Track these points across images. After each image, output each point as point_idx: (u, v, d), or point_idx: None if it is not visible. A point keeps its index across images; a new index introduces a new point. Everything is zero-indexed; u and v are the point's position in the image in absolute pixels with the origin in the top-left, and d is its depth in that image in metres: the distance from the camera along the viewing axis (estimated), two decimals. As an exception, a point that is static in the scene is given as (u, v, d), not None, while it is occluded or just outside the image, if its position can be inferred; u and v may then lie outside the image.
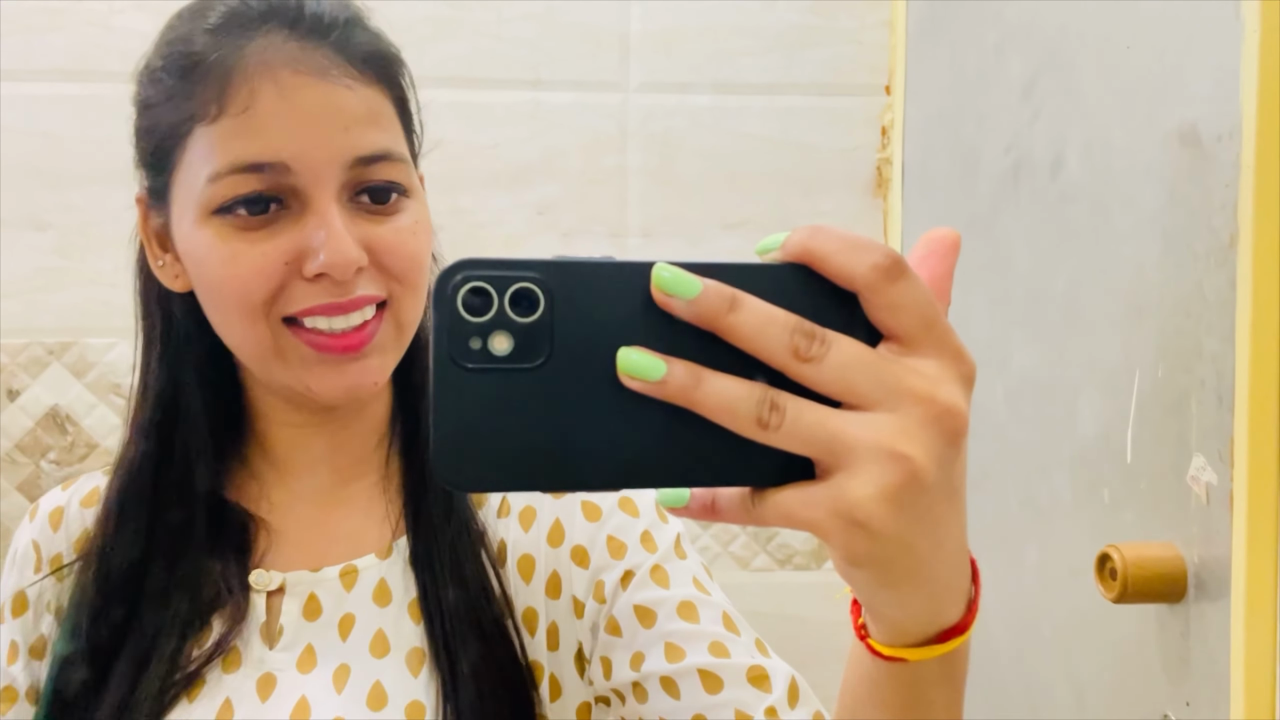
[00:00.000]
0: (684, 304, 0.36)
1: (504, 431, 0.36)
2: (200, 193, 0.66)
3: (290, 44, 0.66)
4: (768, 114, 1.46)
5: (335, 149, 0.66)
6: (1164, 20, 0.87)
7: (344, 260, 0.65)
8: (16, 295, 1.37)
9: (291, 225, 0.66)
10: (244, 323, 0.67)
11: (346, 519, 0.76)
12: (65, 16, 1.36)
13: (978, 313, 1.17)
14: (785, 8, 1.45)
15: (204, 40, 0.66)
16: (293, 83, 0.65)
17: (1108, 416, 0.94)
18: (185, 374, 0.74)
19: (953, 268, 0.40)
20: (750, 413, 0.35)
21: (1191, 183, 0.82)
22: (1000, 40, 1.16)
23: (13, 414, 1.36)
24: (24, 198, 1.36)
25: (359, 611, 0.72)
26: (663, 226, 1.45)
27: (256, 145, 0.64)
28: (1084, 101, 0.99)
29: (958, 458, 0.37)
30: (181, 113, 0.67)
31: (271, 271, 0.66)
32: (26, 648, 0.76)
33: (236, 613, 0.71)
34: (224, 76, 0.65)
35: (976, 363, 0.38)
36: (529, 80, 1.43)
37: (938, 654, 0.41)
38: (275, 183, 0.65)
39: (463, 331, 0.36)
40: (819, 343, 0.36)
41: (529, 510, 0.75)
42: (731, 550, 1.47)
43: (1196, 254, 0.81)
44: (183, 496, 0.73)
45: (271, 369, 0.70)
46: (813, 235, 0.37)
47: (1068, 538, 1.01)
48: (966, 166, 1.24)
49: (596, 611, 0.72)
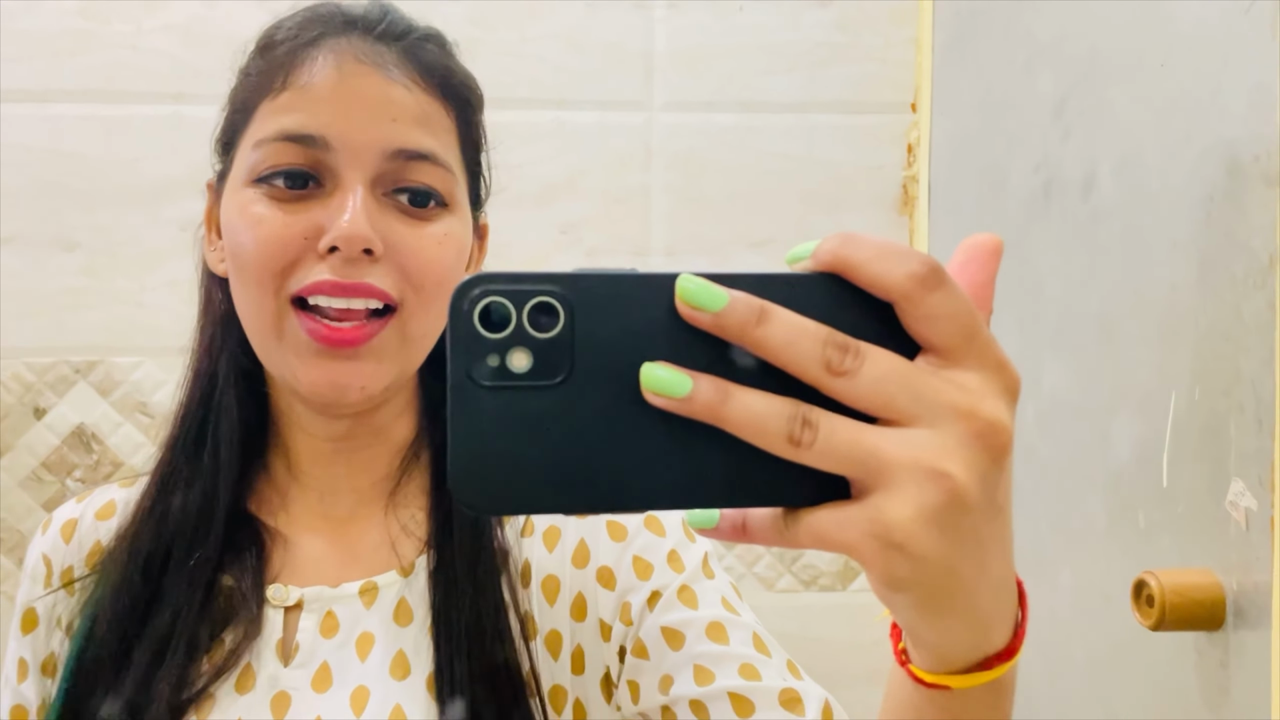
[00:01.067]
0: (710, 317, 0.34)
1: (524, 452, 0.35)
2: (249, 159, 0.69)
3: (363, 41, 0.69)
4: (792, 132, 1.45)
5: (377, 135, 0.67)
6: (1198, 38, 0.86)
7: (354, 234, 0.65)
8: (44, 314, 1.37)
9: (319, 204, 0.67)
10: (256, 292, 0.68)
11: (368, 535, 0.75)
12: (94, 39, 1.38)
13: (1008, 332, 1.16)
14: (810, 26, 1.45)
15: (286, 30, 0.71)
16: (354, 69, 0.68)
17: (1143, 439, 0.92)
18: (224, 364, 0.74)
19: (994, 275, 0.38)
20: (781, 430, 0.34)
21: (1228, 203, 0.81)
22: (1030, 58, 1.15)
23: (39, 432, 1.37)
24: (52, 217, 1.37)
25: (378, 631, 0.71)
26: (687, 245, 1.44)
27: (304, 118, 0.67)
28: (1117, 120, 0.98)
29: (1001, 476, 0.35)
30: (252, 90, 0.70)
31: (289, 241, 0.66)
32: (37, 665, 0.75)
33: (251, 628, 0.70)
34: (296, 57, 0.69)
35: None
36: (553, 100, 1.43)
37: (983, 681, 0.39)
38: (315, 158, 0.67)
39: (480, 348, 0.34)
40: (853, 355, 0.34)
41: (553, 530, 0.74)
42: (756, 571, 1.45)
43: (1234, 276, 0.80)
44: (207, 505, 0.72)
45: (271, 350, 0.69)
46: (845, 243, 0.35)
47: (1102, 562, 0.99)
48: (994, 184, 1.23)
49: (623, 634, 0.71)
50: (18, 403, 1.37)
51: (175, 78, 1.38)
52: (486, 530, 0.73)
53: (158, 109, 1.38)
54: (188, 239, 1.36)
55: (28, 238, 1.37)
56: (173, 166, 1.38)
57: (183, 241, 1.37)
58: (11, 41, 1.36)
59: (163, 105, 1.38)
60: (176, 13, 1.38)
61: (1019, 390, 0.36)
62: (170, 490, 0.73)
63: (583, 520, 0.74)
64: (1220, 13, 0.83)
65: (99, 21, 1.37)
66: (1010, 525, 0.37)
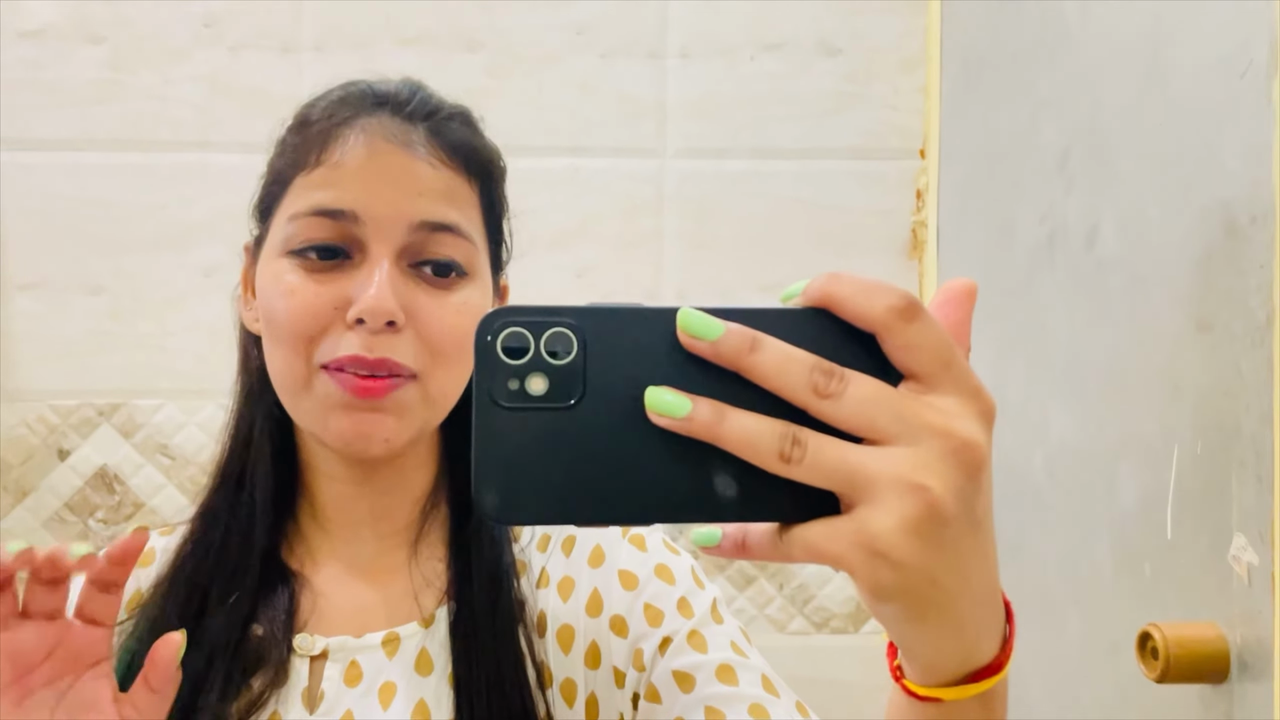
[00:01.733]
0: (708, 345, 0.38)
1: (540, 467, 0.38)
2: (283, 231, 0.72)
3: (392, 121, 0.73)
4: (803, 178, 1.48)
5: (402, 209, 0.71)
6: (1196, 99, 0.88)
7: (379, 307, 0.68)
8: (70, 357, 1.41)
9: (348, 275, 0.71)
10: (288, 355, 0.71)
11: (390, 586, 0.77)
12: (120, 88, 1.42)
13: (1014, 379, 1.17)
14: (820, 75, 1.47)
15: (322, 109, 0.75)
16: (383, 149, 0.71)
17: (1148, 490, 0.93)
18: (260, 414, 0.77)
19: (970, 314, 0.41)
20: (773, 447, 0.37)
21: (1227, 262, 0.83)
22: (1034, 111, 1.17)
23: (63, 473, 1.40)
24: (79, 263, 1.41)
25: (400, 680, 0.72)
26: (699, 289, 1.47)
27: (335, 194, 0.71)
28: (1118, 176, 0.99)
29: (978, 491, 0.38)
30: (289, 163, 0.74)
31: (319, 311, 0.70)
32: None
33: (279, 675, 0.72)
34: (328, 135, 0.72)
35: (1014, 428, 0.39)
36: (568, 147, 1.46)
37: (973, 693, 0.42)
38: (344, 231, 0.70)
39: (502, 373, 0.38)
40: (838, 380, 0.37)
41: (567, 581, 0.76)
42: (768, 613, 1.46)
43: (1233, 334, 0.81)
44: (244, 549, 0.75)
45: (300, 404, 0.72)
46: (830, 280, 0.38)
47: (1109, 610, 1.00)
48: (1002, 232, 1.25)
49: (636, 680, 0.72)
50: (42, 444, 1.40)
51: (200, 127, 1.42)
52: (505, 581, 0.75)
53: (183, 157, 1.42)
54: (210, 284, 1.41)
55: (54, 283, 1.41)
56: (197, 213, 1.42)
57: (205, 286, 1.41)
58: (42, 92, 1.41)
59: (188, 153, 1.42)
60: (201, 64, 1.42)
61: (994, 414, 0.39)
62: (210, 534, 0.76)
63: (596, 570, 0.76)
64: (1217, 75, 0.85)
65: (126, 72, 1.42)
66: (992, 541, 0.40)
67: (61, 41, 1.41)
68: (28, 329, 1.40)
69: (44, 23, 1.41)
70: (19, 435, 1.39)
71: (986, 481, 0.38)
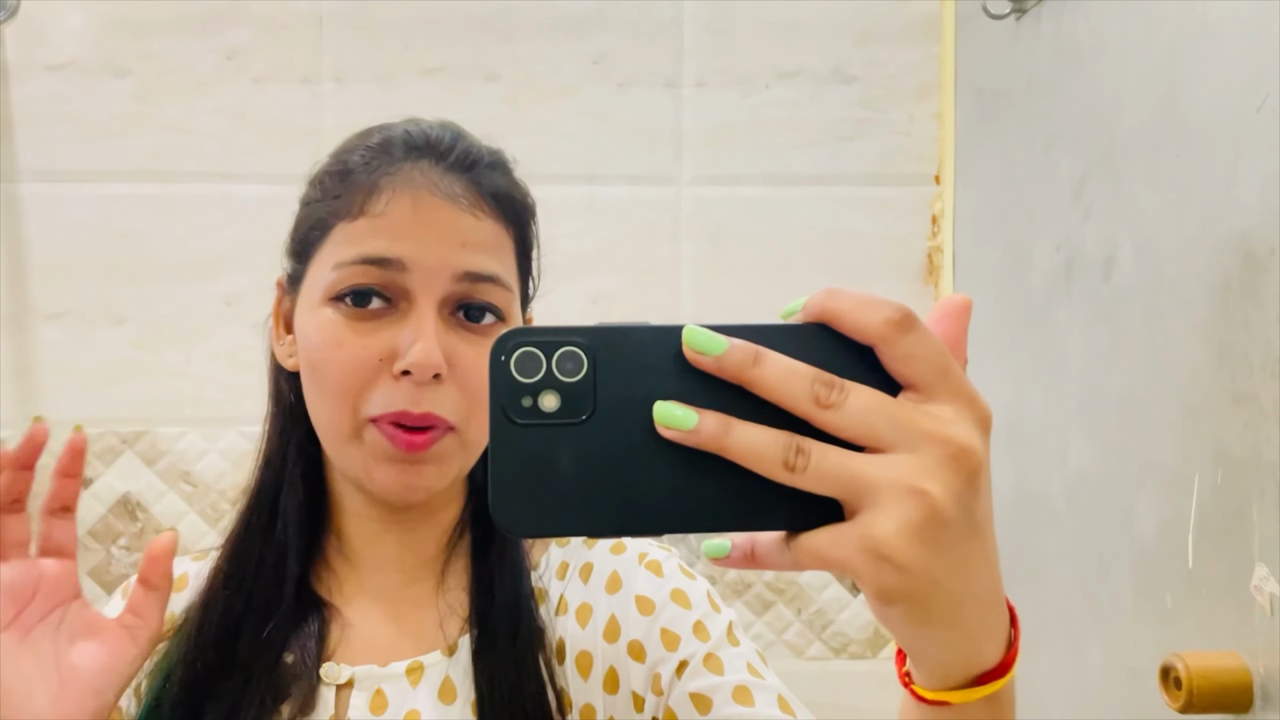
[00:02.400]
0: (712, 360, 0.39)
1: (553, 481, 0.39)
2: (326, 278, 0.73)
3: (435, 171, 0.74)
4: (817, 204, 1.48)
5: (448, 259, 0.72)
6: (1212, 131, 0.88)
7: (426, 361, 0.70)
8: (94, 386, 1.42)
9: (393, 325, 0.72)
10: (333, 407, 0.73)
11: (414, 615, 0.78)
12: (144, 121, 1.44)
13: (1032, 406, 1.17)
14: (835, 102, 1.49)
15: (364, 155, 0.75)
16: (428, 202, 0.73)
17: (1168, 519, 0.93)
18: (291, 449, 0.79)
19: (965, 328, 0.43)
20: (777, 456, 0.38)
21: (1244, 293, 0.83)
22: (1050, 139, 1.18)
23: (86, 501, 1.41)
24: (103, 293, 1.43)
25: (424, 709, 0.73)
26: (715, 315, 1.47)
27: (382, 243, 0.72)
28: (1134, 205, 1.00)
29: (977, 495, 0.39)
30: (331, 210, 0.75)
31: (366, 363, 0.71)
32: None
33: (307, 704, 0.73)
34: (372, 185, 0.73)
35: (1033, 455, 0.40)
36: (585, 175, 1.47)
37: (979, 696, 0.43)
38: (389, 279, 0.72)
39: (515, 391, 0.40)
40: (838, 391, 0.38)
41: (585, 607, 0.77)
42: (786, 638, 1.46)
43: (1252, 364, 0.82)
44: (277, 579, 0.76)
45: (346, 453, 0.74)
46: (828, 296, 0.40)
47: (1131, 640, 1.00)
48: (1018, 259, 1.26)
49: (655, 705, 0.73)
50: (66, 472, 1.41)
51: (222, 158, 1.44)
52: (525, 609, 0.75)
53: (206, 187, 1.44)
54: (232, 312, 1.42)
55: (80, 312, 1.42)
56: (219, 242, 1.43)
57: (228, 315, 1.43)
58: (68, 124, 1.43)
59: (210, 184, 1.44)
60: (224, 96, 1.44)
61: (990, 421, 0.40)
62: (244, 564, 0.77)
63: (613, 596, 0.77)
64: (1233, 108, 0.85)
65: (150, 105, 1.44)
66: (994, 547, 0.41)
67: (87, 75, 1.43)
68: (53, 358, 1.42)
69: (70, 57, 1.43)
70: (43, 463, 1.40)
71: (985, 486, 0.40)
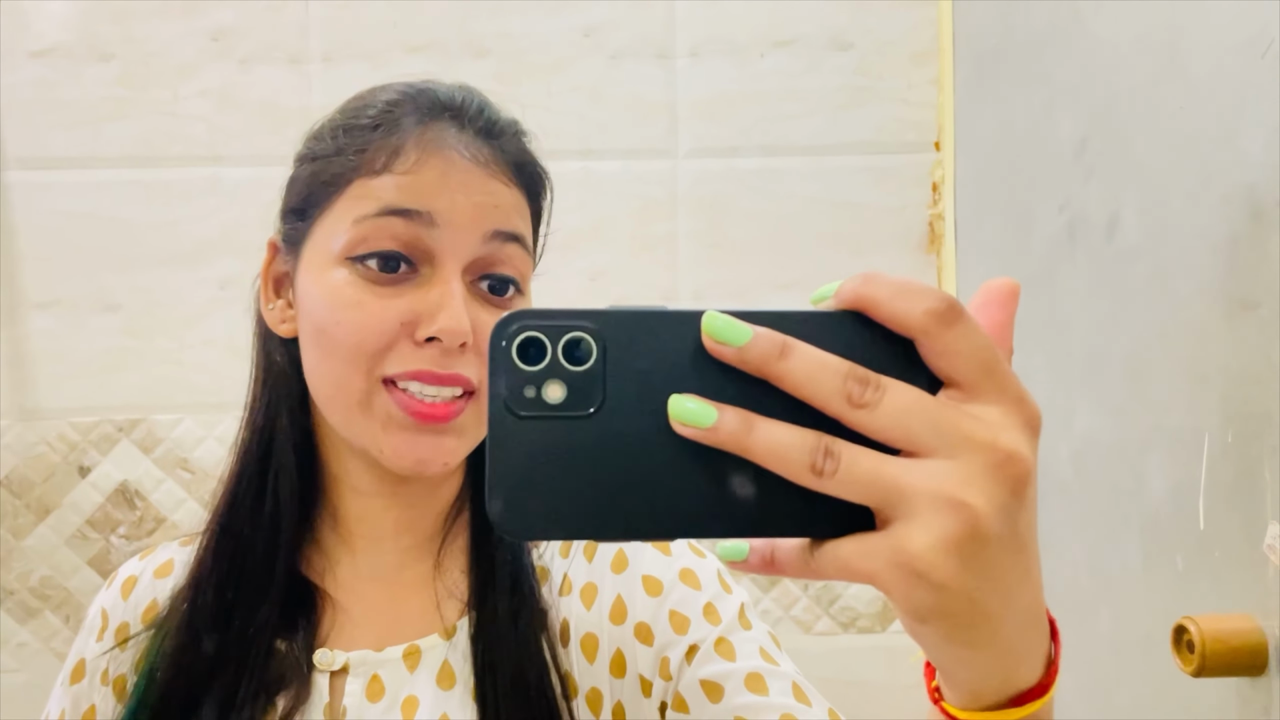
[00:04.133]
0: (734, 351, 0.36)
1: (558, 480, 0.36)
2: (342, 236, 0.69)
3: (463, 135, 0.71)
4: (816, 174, 1.46)
5: (481, 215, 0.69)
6: (1216, 82, 0.86)
7: (457, 328, 0.67)
8: (88, 375, 1.41)
9: (415, 290, 0.68)
10: (345, 370, 0.69)
11: (411, 598, 0.76)
12: (132, 105, 1.42)
13: (1037, 372, 1.16)
14: (831, 70, 1.46)
15: (388, 107, 0.72)
16: (459, 164, 0.70)
17: (1178, 481, 0.91)
18: (282, 420, 0.75)
19: (1013, 316, 0.39)
20: (803, 459, 0.35)
21: (1252, 248, 0.81)
22: (1049, 100, 1.16)
23: (84, 490, 1.40)
24: (94, 281, 1.41)
25: (422, 694, 0.71)
26: (714, 289, 1.46)
27: (410, 195, 0.68)
28: (1137, 163, 0.98)
29: (1022, 507, 0.35)
30: (348, 165, 0.71)
31: (388, 328, 0.68)
32: (77, 716, 0.76)
33: (301, 692, 0.71)
34: (399, 141, 0.70)
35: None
36: (579, 150, 1.45)
37: (1015, 719, 0.39)
38: (415, 236, 0.68)
39: (518, 380, 0.36)
40: (873, 389, 0.35)
41: (590, 587, 0.75)
42: (793, 614, 1.45)
43: (1262, 320, 0.80)
44: (267, 563, 0.73)
45: (355, 422, 0.70)
46: (865, 282, 0.36)
47: (1142, 606, 0.98)
48: (1020, 224, 1.24)
49: (663, 689, 0.71)
50: (63, 461, 1.40)
51: (211, 141, 1.42)
52: (527, 590, 0.73)
53: (195, 172, 1.42)
54: (225, 297, 1.41)
55: (71, 300, 1.41)
56: (210, 228, 1.42)
57: (220, 300, 1.41)
58: (53, 111, 1.41)
59: (199, 168, 1.42)
60: (211, 79, 1.42)
61: (1039, 424, 0.36)
62: (230, 547, 0.74)
63: (619, 576, 0.75)
64: (1237, 57, 0.83)
65: (137, 89, 1.42)
66: (1036, 559, 0.38)
67: (71, 60, 1.41)
68: (45, 347, 1.40)
69: (53, 42, 1.41)
70: (40, 453, 1.40)
71: (1031, 497, 0.36)
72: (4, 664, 1.38)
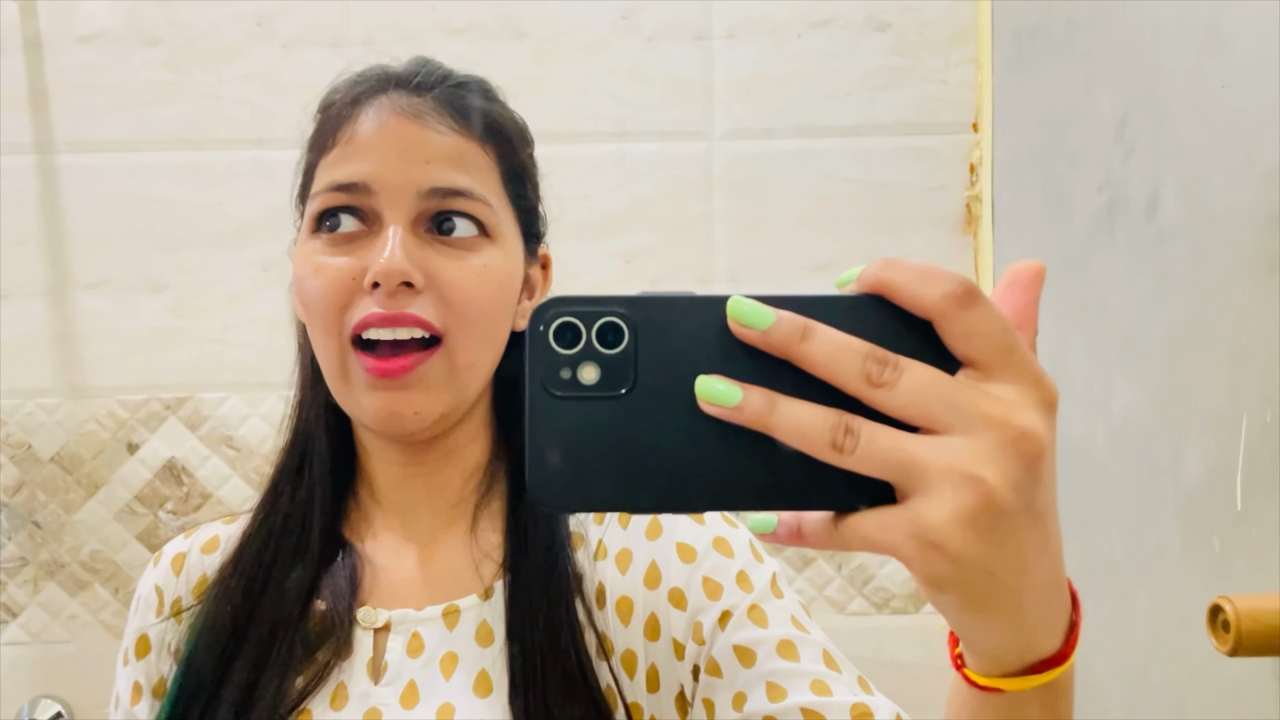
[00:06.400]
0: (758, 334, 0.37)
1: (592, 455, 0.38)
2: (308, 216, 0.75)
3: (400, 94, 0.75)
4: (853, 155, 1.46)
5: (412, 177, 0.72)
6: (1260, 59, 0.85)
7: (391, 268, 0.70)
8: (136, 354, 1.44)
9: (366, 246, 0.72)
10: (323, 337, 0.73)
11: (449, 558, 0.78)
12: (177, 89, 1.44)
13: (1075, 353, 1.15)
14: (868, 50, 1.46)
15: (341, 94, 0.77)
16: (391, 123, 0.73)
17: (1215, 462, 0.91)
18: (317, 400, 0.80)
19: (1037, 298, 0.40)
20: (824, 436, 0.36)
21: (1295, 225, 0.80)
22: (1090, 78, 1.15)
23: (133, 466, 1.43)
24: (142, 261, 1.44)
25: (462, 651, 0.74)
26: (749, 271, 1.46)
27: (349, 169, 0.73)
28: (1179, 141, 0.97)
29: (1038, 482, 0.37)
30: (313, 150, 0.77)
31: (342, 284, 0.72)
32: (149, 688, 0.79)
33: (343, 648, 0.74)
34: (340, 117, 0.75)
35: (1076, 403, 0.38)
36: (615, 132, 1.46)
37: (1035, 684, 0.41)
38: (358, 202, 0.73)
39: (554, 362, 0.38)
40: (891, 368, 0.37)
41: (625, 553, 0.77)
42: (827, 594, 1.46)
43: (1303, 298, 0.79)
44: (304, 527, 0.77)
45: (341, 392, 0.74)
46: (886, 266, 0.38)
47: (1178, 586, 0.98)
48: (1059, 204, 1.23)
49: (696, 653, 0.73)
50: (112, 438, 1.43)
51: (255, 124, 1.44)
52: (560, 552, 0.75)
53: (239, 154, 1.44)
54: (269, 278, 1.43)
55: (119, 281, 1.44)
56: (253, 209, 1.44)
57: (264, 280, 1.44)
58: (101, 94, 1.44)
59: (243, 150, 1.44)
60: (254, 62, 1.44)
61: (1056, 402, 0.38)
62: (273, 518, 0.79)
63: (653, 542, 0.76)
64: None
65: (182, 73, 1.44)
66: (1056, 532, 0.39)
67: (118, 45, 1.44)
68: (95, 327, 1.44)
69: (100, 27, 1.44)
70: (89, 430, 1.43)
71: (1048, 472, 0.37)
72: (55, 634, 1.42)
